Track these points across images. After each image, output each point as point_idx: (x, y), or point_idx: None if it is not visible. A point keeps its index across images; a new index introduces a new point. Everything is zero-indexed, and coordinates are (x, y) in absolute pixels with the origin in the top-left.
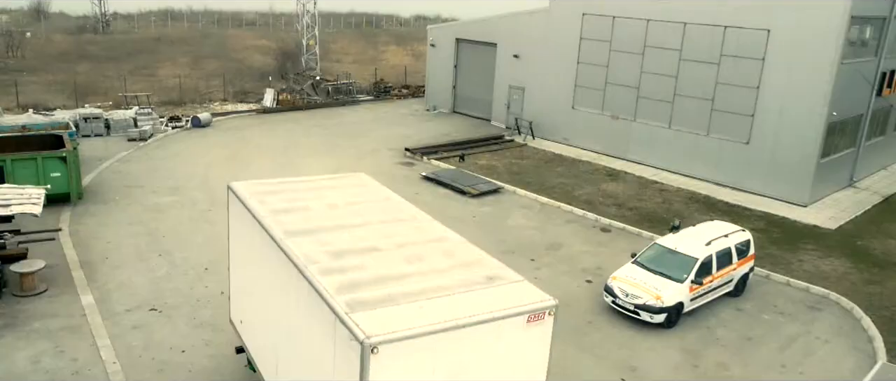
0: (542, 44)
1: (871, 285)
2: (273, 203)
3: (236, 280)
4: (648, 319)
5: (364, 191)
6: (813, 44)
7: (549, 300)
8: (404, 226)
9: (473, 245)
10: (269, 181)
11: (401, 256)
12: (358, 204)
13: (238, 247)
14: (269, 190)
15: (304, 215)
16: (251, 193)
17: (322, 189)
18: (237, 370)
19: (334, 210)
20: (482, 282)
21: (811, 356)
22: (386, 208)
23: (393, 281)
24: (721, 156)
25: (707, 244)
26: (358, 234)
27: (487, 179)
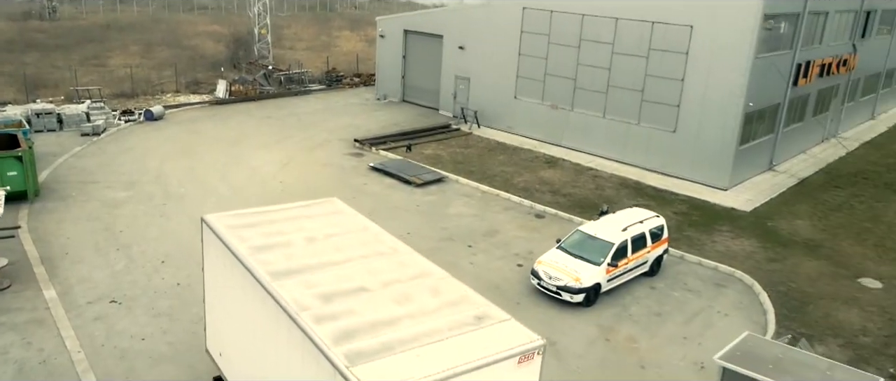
0: (486, 36)
1: (773, 263)
2: (252, 238)
3: (214, 312)
4: (569, 299)
5: (340, 220)
6: (730, 39)
7: (538, 341)
8: (386, 261)
9: (456, 280)
10: (243, 212)
11: (389, 296)
12: (337, 236)
13: (216, 281)
14: (246, 223)
15: (285, 252)
16: (227, 226)
17: (298, 219)
18: (195, 356)
19: (314, 244)
20: (472, 323)
21: (711, 328)
22: (365, 240)
23: (386, 327)
24: (650, 144)
25: (623, 230)
26: (343, 272)
27: (432, 168)
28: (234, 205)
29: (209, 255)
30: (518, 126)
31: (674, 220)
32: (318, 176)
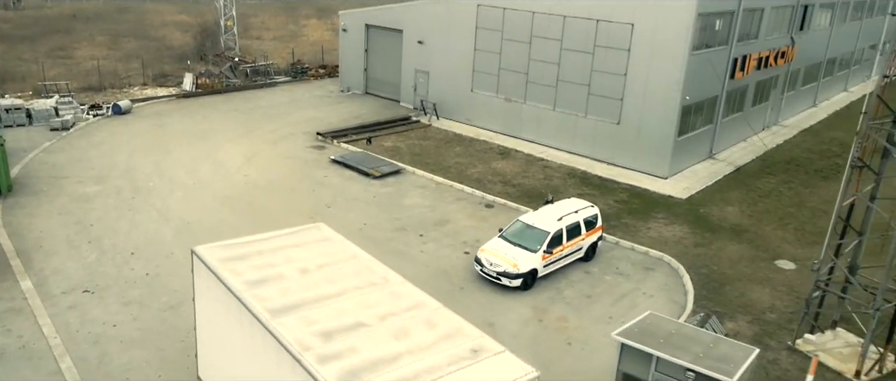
0: (444, 31)
1: (700, 247)
2: (245, 273)
3: (207, 342)
4: (508, 283)
5: (329, 248)
6: (668, 37)
7: (532, 373)
8: (380, 292)
9: (449, 311)
10: (232, 243)
11: (387, 331)
12: (328, 266)
13: (210, 313)
14: (236, 255)
15: (280, 286)
16: (219, 259)
17: (287, 248)
18: (163, 340)
19: (307, 276)
20: (469, 357)
21: (635, 308)
22: (357, 270)
23: (388, 365)
24: (597, 135)
25: (558, 220)
26: (339, 306)
27: (390, 161)
28: (199, 197)
29: (201, 287)
30: (475, 118)
31: (614, 208)
32: (280, 169)
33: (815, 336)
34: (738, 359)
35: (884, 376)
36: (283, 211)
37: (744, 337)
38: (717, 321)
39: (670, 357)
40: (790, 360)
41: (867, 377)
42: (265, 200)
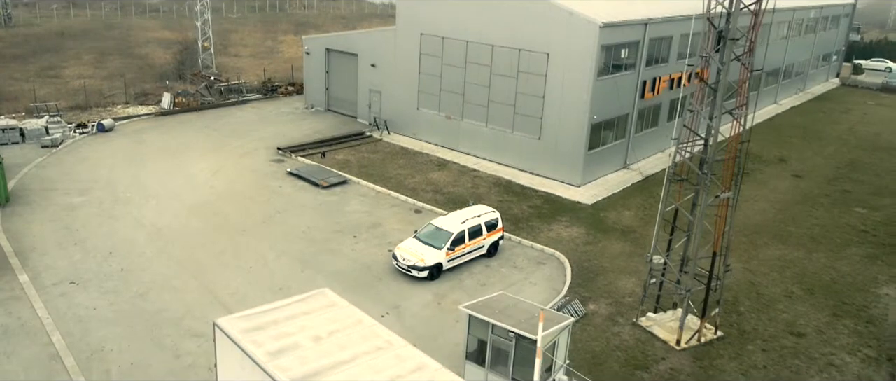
0: (393, 56)
1: (588, 245)
2: (265, 343)
3: None
4: (417, 275)
5: (336, 314)
6: (576, 65)
7: None
8: (386, 356)
9: (449, 371)
10: (249, 314)
11: None
12: (338, 332)
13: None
14: (255, 325)
15: (298, 355)
16: (240, 330)
17: (299, 316)
18: (134, 319)
19: (321, 344)
20: None
21: (520, 294)
22: (364, 335)
23: None
24: (521, 148)
25: (462, 223)
26: (353, 372)
27: (339, 172)
28: (169, 206)
29: (224, 356)
30: (421, 133)
31: (527, 212)
32: (242, 181)
33: (657, 315)
34: (550, 324)
35: (701, 344)
36: (240, 217)
37: (600, 316)
38: (578, 304)
39: (499, 323)
40: (631, 333)
41: (687, 344)
42: (226, 207)
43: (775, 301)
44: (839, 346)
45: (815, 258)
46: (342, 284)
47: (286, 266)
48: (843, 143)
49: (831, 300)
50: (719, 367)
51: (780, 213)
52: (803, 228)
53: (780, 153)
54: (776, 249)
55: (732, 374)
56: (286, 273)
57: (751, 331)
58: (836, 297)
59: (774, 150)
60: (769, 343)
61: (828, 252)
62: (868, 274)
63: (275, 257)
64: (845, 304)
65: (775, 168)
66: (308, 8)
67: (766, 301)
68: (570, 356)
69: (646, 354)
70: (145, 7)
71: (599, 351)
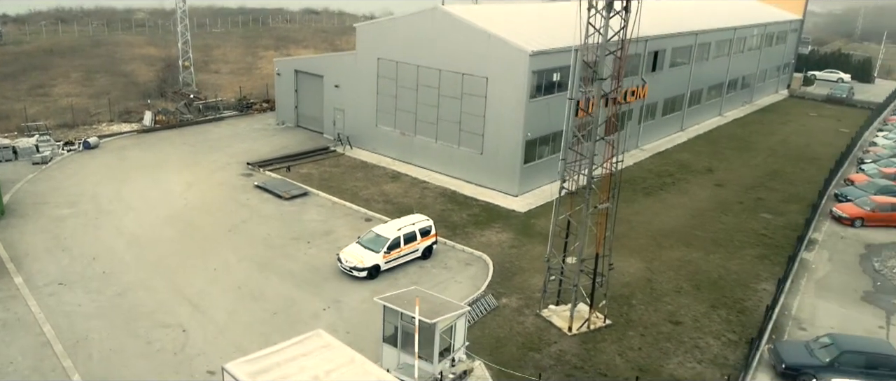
0: (354, 78)
1: (513, 249)
2: None
3: None
4: (357, 275)
5: (331, 355)
6: (511, 87)
7: None
8: None
9: None
10: (252, 358)
11: None
12: (334, 371)
13: None
14: (260, 368)
15: None
16: (248, 374)
17: (298, 358)
18: (113, 314)
19: None
20: None
21: (445, 291)
22: (357, 373)
23: None
24: (467, 162)
25: (398, 230)
26: None
27: (301, 185)
28: (147, 217)
29: None
30: (379, 148)
31: (465, 219)
32: (213, 193)
33: (558, 307)
34: (448, 313)
35: (591, 330)
36: (209, 226)
37: (510, 308)
38: (491, 298)
39: (403, 310)
40: (533, 322)
41: (577, 331)
42: (197, 218)
43: (664, 295)
44: (708, 332)
45: (710, 259)
46: (293, 283)
47: (246, 269)
48: (772, 153)
49: (713, 294)
50: (601, 349)
51: (693, 219)
52: (709, 232)
53: (710, 164)
54: (679, 250)
55: (610, 354)
56: (245, 275)
57: (636, 320)
58: (719, 292)
59: (705, 161)
60: (649, 330)
61: (724, 253)
62: (753, 272)
63: (237, 261)
64: (725, 297)
65: (701, 178)
66: (290, 22)
67: (657, 295)
68: (478, 341)
69: (541, 339)
70: (132, 22)
71: (503, 336)
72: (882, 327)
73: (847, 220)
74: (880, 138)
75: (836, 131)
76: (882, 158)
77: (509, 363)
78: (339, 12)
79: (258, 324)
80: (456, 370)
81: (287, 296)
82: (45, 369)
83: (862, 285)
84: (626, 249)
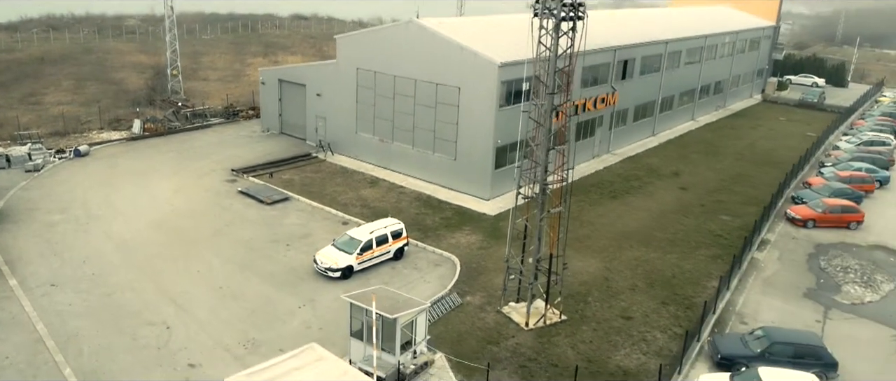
0: (335, 87)
1: (480, 250)
2: None
3: None
4: (332, 275)
5: (325, 368)
6: (482, 97)
7: None
8: None
9: None
10: (251, 372)
11: None
12: None
13: None
14: None
15: None
16: None
17: (293, 371)
18: (101, 314)
19: None
20: None
21: (413, 290)
22: None
23: None
24: (441, 167)
25: (370, 233)
26: None
27: (283, 191)
28: (135, 222)
29: None
30: (359, 154)
31: (438, 222)
32: (199, 199)
33: (518, 304)
34: (409, 309)
35: (547, 325)
36: (193, 230)
37: (473, 305)
38: (456, 296)
39: (367, 307)
40: (494, 318)
41: (534, 326)
42: (182, 222)
43: (619, 293)
44: (656, 326)
45: (666, 258)
46: (271, 283)
47: (227, 270)
48: (738, 157)
49: (666, 292)
50: (554, 342)
51: (655, 221)
52: (668, 233)
53: (677, 168)
54: (638, 251)
55: (562, 347)
56: (227, 276)
57: (590, 315)
58: (671, 289)
59: (673, 165)
60: (601, 325)
61: (680, 253)
62: (705, 271)
63: (219, 263)
64: (676, 294)
65: (667, 181)
66: (279, 28)
67: (612, 292)
68: (441, 336)
69: (500, 333)
70: (122, 29)
71: (464, 331)
72: (819, 321)
73: (800, 221)
74: (843, 142)
75: (804, 136)
76: (841, 162)
77: (469, 356)
78: (328, 18)
79: (237, 321)
80: (417, 362)
81: (265, 295)
82: (39, 363)
83: (806, 282)
84: (588, 249)
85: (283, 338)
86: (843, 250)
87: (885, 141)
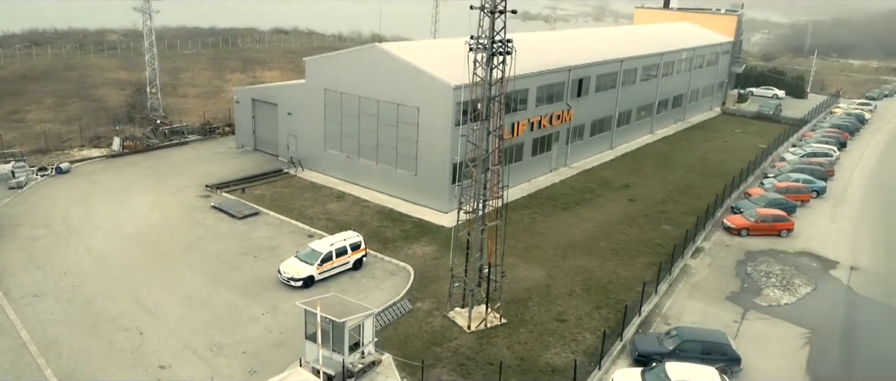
0: (304, 106)
1: (434, 260)
2: None
3: None
4: (294, 285)
5: None
6: (439, 117)
7: None
8: None
9: None
10: None
11: None
12: None
13: None
14: None
15: None
16: None
17: None
18: (80, 322)
19: None
20: None
21: (368, 298)
22: None
23: None
24: (403, 182)
25: (330, 245)
26: None
27: (254, 205)
28: (113, 236)
29: None
30: (328, 170)
31: (397, 234)
32: (174, 214)
33: (463, 309)
34: (357, 314)
35: (488, 328)
36: (168, 244)
37: (423, 311)
38: (407, 302)
39: (320, 312)
40: (440, 322)
41: (476, 328)
42: (158, 236)
43: (558, 298)
44: (587, 328)
45: (606, 266)
46: (238, 292)
47: (198, 281)
48: (688, 169)
49: (600, 297)
50: (493, 343)
51: (601, 231)
52: (612, 242)
53: (629, 180)
54: (580, 259)
55: (499, 347)
56: (198, 286)
57: (529, 319)
58: (606, 294)
59: (625, 177)
60: (537, 327)
61: (619, 261)
62: (640, 277)
63: (191, 274)
64: (609, 299)
65: (617, 193)
66: (259, 42)
67: (552, 298)
68: (391, 338)
69: (444, 336)
70: (104, 44)
71: (412, 334)
72: (736, 321)
73: (734, 230)
74: (789, 154)
75: (755, 147)
76: (782, 173)
77: (414, 356)
78: (308, 32)
79: (204, 327)
80: (365, 361)
81: (231, 303)
82: (22, 365)
83: (731, 286)
84: (534, 258)
85: (245, 342)
86: (770, 256)
87: (828, 152)
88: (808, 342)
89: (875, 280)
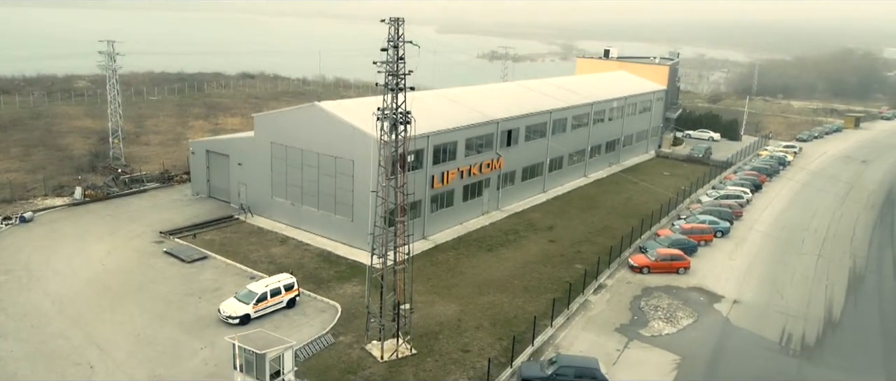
0: (253, 157)
1: (362, 298)
2: None
3: None
4: (232, 322)
5: None
6: (371, 168)
7: None
8: None
9: None
10: None
11: None
12: None
13: None
14: None
15: None
16: None
17: None
18: (38, 359)
19: None
20: None
21: (297, 333)
22: None
23: None
24: (342, 227)
25: (266, 286)
26: None
27: (203, 250)
28: (70, 281)
29: None
30: (275, 216)
31: (332, 275)
32: (129, 259)
33: (379, 342)
34: (276, 346)
35: (399, 359)
36: (121, 286)
37: (344, 344)
38: (329, 336)
39: (245, 346)
40: (358, 353)
41: (388, 359)
42: (112, 280)
43: (466, 331)
44: (486, 357)
45: (515, 302)
46: (181, 329)
47: (146, 320)
48: (611, 211)
49: (505, 330)
50: (401, 372)
51: (518, 270)
52: (525, 281)
53: (553, 222)
54: (493, 296)
55: (406, 375)
56: (145, 324)
57: (437, 350)
58: (510, 327)
59: (551, 219)
60: (443, 357)
61: (528, 298)
62: (545, 312)
63: (140, 314)
64: (512, 331)
65: (540, 234)
66: (225, 87)
67: (460, 331)
68: (313, 368)
69: (360, 365)
70: (72, 92)
71: (331, 364)
72: (618, 350)
73: (637, 268)
74: (705, 196)
75: (679, 189)
76: (692, 215)
77: None
78: (274, 76)
79: (148, 361)
80: None
81: (175, 339)
82: None
83: (622, 319)
84: (451, 296)
85: (184, 372)
86: (665, 292)
87: (740, 194)
88: (676, 368)
89: (753, 312)
